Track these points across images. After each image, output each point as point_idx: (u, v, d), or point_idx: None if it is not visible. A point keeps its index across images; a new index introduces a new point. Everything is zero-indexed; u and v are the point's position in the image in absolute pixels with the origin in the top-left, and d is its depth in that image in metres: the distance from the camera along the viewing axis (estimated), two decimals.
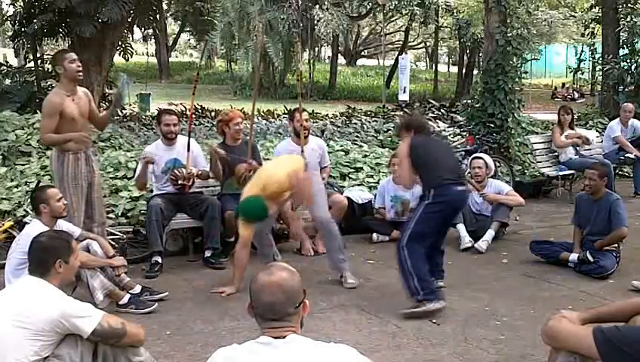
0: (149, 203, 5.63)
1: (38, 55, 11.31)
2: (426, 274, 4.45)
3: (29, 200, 5.90)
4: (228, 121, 6.01)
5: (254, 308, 2.07)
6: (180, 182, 5.61)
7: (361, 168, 7.67)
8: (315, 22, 24.38)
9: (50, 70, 11.16)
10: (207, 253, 5.66)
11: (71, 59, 4.84)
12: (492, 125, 8.91)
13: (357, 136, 9.86)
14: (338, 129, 10.44)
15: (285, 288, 2.04)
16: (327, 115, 12.90)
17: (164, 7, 28.24)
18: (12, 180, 6.74)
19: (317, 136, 8.21)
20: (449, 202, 4.55)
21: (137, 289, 4.65)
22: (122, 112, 12.15)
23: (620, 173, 9.44)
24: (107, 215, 5.56)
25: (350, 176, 7.46)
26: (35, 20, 10.10)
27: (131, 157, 6.98)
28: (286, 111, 12.54)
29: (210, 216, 5.60)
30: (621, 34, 12.09)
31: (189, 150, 5.63)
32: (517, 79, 9.12)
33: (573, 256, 5.37)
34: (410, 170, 4.59)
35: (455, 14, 27.01)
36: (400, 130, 5.00)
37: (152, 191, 5.89)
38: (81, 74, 4.93)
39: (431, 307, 4.32)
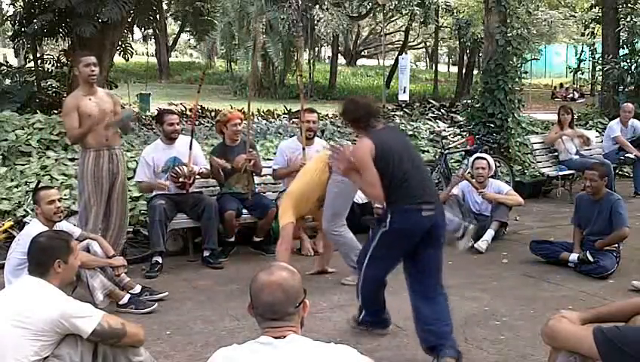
0: (151, 203, 5.63)
1: (38, 55, 11.30)
2: (376, 306, 3.94)
3: (29, 199, 5.91)
4: (226, 121, 6.04)
5: (254, 307, 2.07)
6: (180, 180, 5.61)
7: None
8: (315, 22, 24.38)
9: (50, 70, 11.16)
10: (206, 253, 5.67)
11: (86, 63, 4.93)
12: (492, 125, 8.90)
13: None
14: (338, 129, 10.42)
15: (285, 287, 2.04)
16: (327, 115, 12.88)
17: (164, 7, 28.21)
18: (12, 180, 6.74)
19: (318, 136, 8.20)
20: (411, 230, 3.61)
21: (137, 289, 4.65)
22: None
23: (620, 173, 9.44)
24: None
25: None
26: (35, 20, 10.09)
27: (131, 157, 6.98)
28: (286, 111, 12.53)
29: (207, 216, 5.61)
30: (621, 34, 12.08)
31: (191, 148, 5.65)
32: (517, 79, 9.11)
33: (573, 256, 5.37)
34: (378, 177, 3.56)
35: (455, 14, 27.00)
36: (352, 124, 4.01)
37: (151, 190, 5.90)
38: (94, 77, 5.00)
39: (372, 331, 4.02)
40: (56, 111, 9.04)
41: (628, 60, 11.68)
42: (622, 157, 8.69)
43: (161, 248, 5.46)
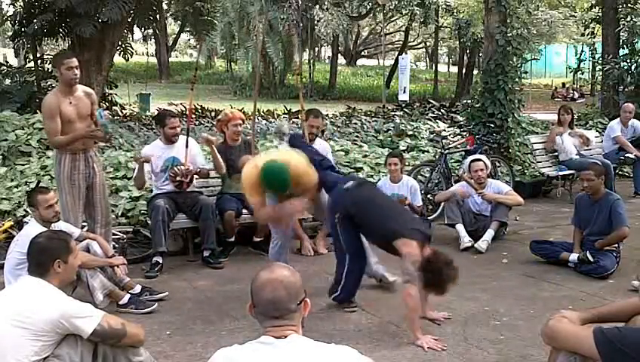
0: (153, 203, 5.61)
1: (38, 55, 11.31)
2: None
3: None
4: (227, 121, 6.06)
5: (256, 306, 2.07)
6: (178, 178, 5.62)
7: (361, 168, 7.68)
8: (315, 22, 24.38)
9: (50, 70, 11.16)
10: (206, 253, 5.67)
11: (68, 65, 4.79)
12: (492, 125, 8.90)
13: (357, 136, 9.86)
14: (338, 129, 10.44)
15: (286, 284, 2.05)
16: (327, 115, 12.88)
17: (164, 7, 28.18)
18: (12, 180, 6.74)
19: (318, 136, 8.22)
20: None
21: (137, 289, 4.65)
22: (122, 112, 12.16)
23: (620, 173, 9.44)
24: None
25: None
26: (35, 20, 10.10)
27: (131, 158, 6.97)
28: (286, 111, 12.54)
29: (204, 217, 5.61)
30: (621, 34, 12.08)
31: (187, 146, 5.65)
32: (517, 79, 9.10)
33: (573, 256, 5.36)
34: None
35: (455, 14, 27.00)
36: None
37: (151, 190, 5.90)
38: (76, 81, 4.89)
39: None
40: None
41: (628, 60, 11.68)
42: (622, 157, 8.68)
43: (163, 248, 5.46)
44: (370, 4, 25.55)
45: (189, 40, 45.02)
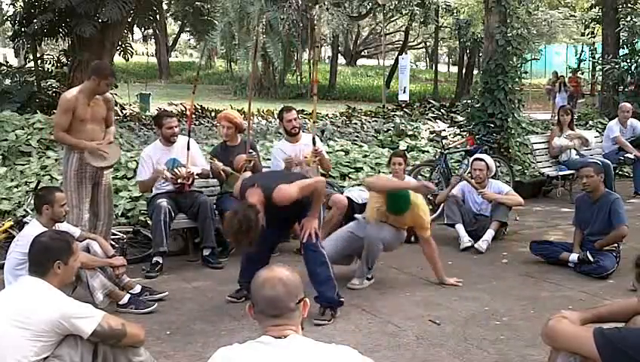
0: (154, 203, 5.60)
1: (38, 55, 11.32)
2: None
3: (29, 199, 5.92)
4: (219, 121, 6.13)
5: (255, 305, 2.07)
6: (179, 181, 5.62)
7: (361, 168, 7.68)
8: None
9: (50, 70, 11.17)
10: (206, 252, 5.66)
11: (110, 82, 5.04)
12: (492, 125, 8.89)
13: (357, 136, 9.87)
14: (338, 129, 10.45)
15: (286, 282, 2.06)
16: (327, 115, 12.90)
17: (164, 7, 28.23)
18: (12, 180, 6.75)
19: (317, 136, 8.22)
20: None
21: (137, 289, 4.65)
22: (122, 112, 12.17)
23: (620, 173, 9.44)
24: None
25: (350, 176, 7.47)
26: (35, 20, 10.11)
27: (131, 157, 6.98)
28: None
29: (203, 217, 5.61)
30: (621, 34, 12.10)
31: (188, 149, 5.65)
32: (517, 79, 9.09)
33: (573, 256, 5.36)
34: None
35: (455, 14, 27.02)
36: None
37: (151, 190, 5.90)
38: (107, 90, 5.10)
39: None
40: (56, 111, 9.07)
41: (628, 60, 11.69)
42: (622, 158, 8.69)
43: (165, 248, 5.45)
44: (370, 4, 25.57)
45: (189, 40, 45.05)
